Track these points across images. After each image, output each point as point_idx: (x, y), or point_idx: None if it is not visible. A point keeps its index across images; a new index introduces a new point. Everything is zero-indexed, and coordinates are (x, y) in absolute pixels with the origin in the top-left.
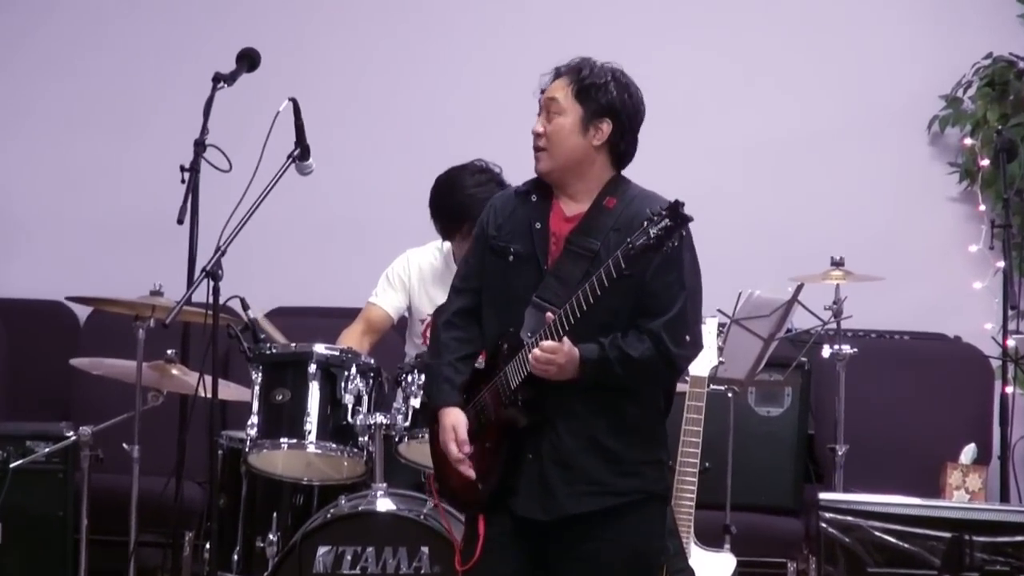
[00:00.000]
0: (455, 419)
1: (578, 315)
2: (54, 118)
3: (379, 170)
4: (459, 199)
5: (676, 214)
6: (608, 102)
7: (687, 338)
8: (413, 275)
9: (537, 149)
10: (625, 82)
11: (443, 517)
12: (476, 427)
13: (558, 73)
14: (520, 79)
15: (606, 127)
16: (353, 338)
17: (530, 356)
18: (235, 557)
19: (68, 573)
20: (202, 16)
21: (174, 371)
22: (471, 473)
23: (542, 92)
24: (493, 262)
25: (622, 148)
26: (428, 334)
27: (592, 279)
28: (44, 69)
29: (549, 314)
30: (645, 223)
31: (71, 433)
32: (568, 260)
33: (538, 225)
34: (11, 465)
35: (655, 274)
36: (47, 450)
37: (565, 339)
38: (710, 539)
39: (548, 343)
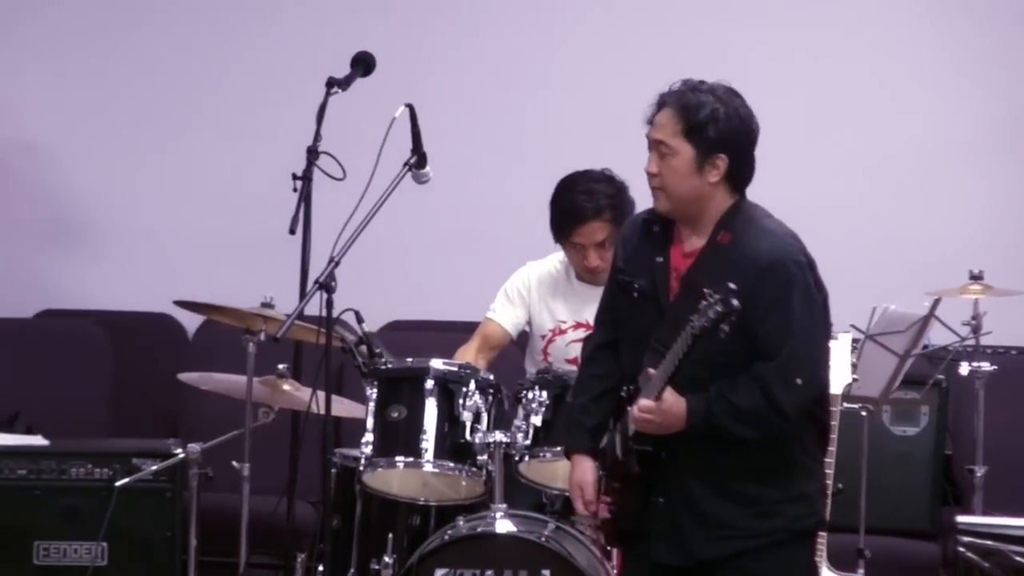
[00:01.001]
0: (580, 475)
1: (671, 373)
2: (162, 124)
3: (499, 180)
4: (566, 200)
5: (727, 302)
6: (719, 135)
7: (798, 381)
8: (533, 289)
9: (654, 188)
10: (734, 106)
11: (599, 538)
12: (610, 463)
13: (661, 103)
14: (648, 89)
15: (721, 163)
16: (469, 355)
17: (631, 412)
18: None
19: None
20: (315, 19)
21: (286, 387)
22: (605, 514)
23: (649, 124)
24: (621, 298)
25: (740, 175)
26: (549, 350)
27: (676, 342)
28: (153, 73)
29: (650, 370)
30: (703, 303)
31: (179, 450)
32: (684, 301)
33: (659, 259)
34: (117, 484)
35: (765, 316)
36: (154, 468)
37: (667, 394)
38: (843, 563)
39: (644, 403)
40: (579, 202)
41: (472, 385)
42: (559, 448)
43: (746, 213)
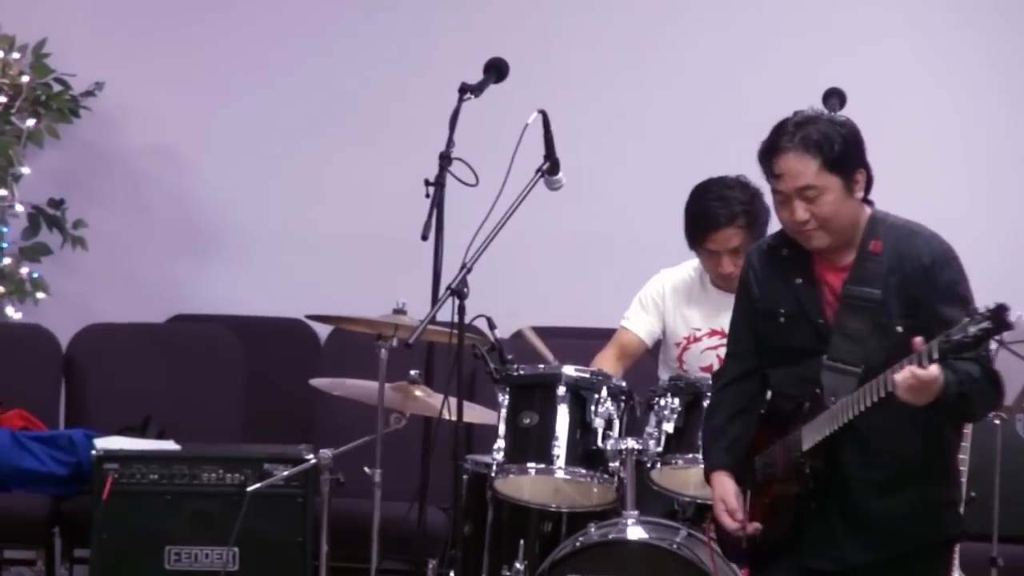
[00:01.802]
0: (723, 490)
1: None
2: (296, 131)
3: (631, 186)
4: (700, 207)
5: (999, 319)
6: (852, 154)
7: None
8: (667, 297)
9: (808, 231)
10: (838, 122)
11: (711, 558)
12: (762, 479)
13: (778, 150)
14: (782, 95)
15: (861, 178)
16: (607, 363)
17: (900, 377)
18: None
19: None
20: (448, 25)
21: (418, 392)
22: (751, 529)
23: (773, 174)
24: (764, 324)
25: (870, 182)
26: (684, 358)
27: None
28: (287, 81)
29: (919, 339)
30: (966, 319)
31: (311, 456)
32: (850, 315)
33: (799, 280)
34: (248, 489)
35: (945, 302)
36: (286, 473)
37: (933, 367)
38: (976, 571)
39: (915, 369)
40: (713, 209)
41: (604, 392)
42: (691, 455)
43: (885, 221)
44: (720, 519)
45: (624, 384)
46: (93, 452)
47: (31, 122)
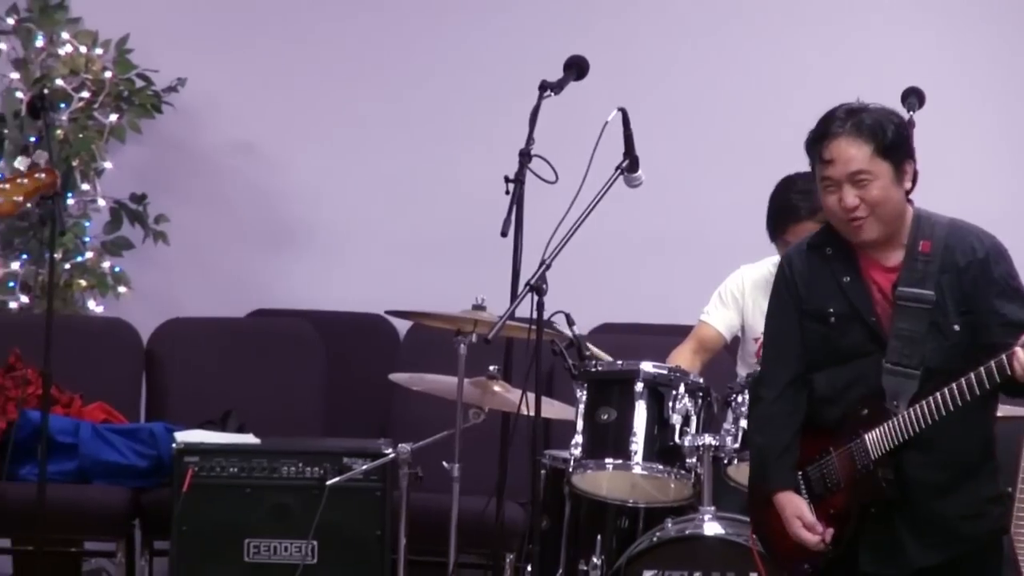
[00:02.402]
0: (798, 507)
1: (951, 410)
2: (376, 129)
3: (710, 182)
4: (783, 199)
5: None
6: (903, 143)
7: None
8: (747, 292)
9: (857, 219)
10: (893, 111)
11: (759, 564)
12: (820, 490)
13: (829, 135)
14: (860, 94)
15: (910, 168)
16: (684, 357)
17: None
18: None
19: None
20: (528, 23)
21: (496, 388)
22: (828, 537)
23: (823, 160)
24: (810, 326)
25: (915, 178)
26: (760, 360)
27: (972, 377)
28: (364, 79)
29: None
30: None
31: (390, 450)
32: (906, 317)
33: (847, 279)
34: (328, 483)
35: (1002, 294)
36: (365, 467)
37: None
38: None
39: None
40: (795, 201)
41: (682, 388)
42: None
43: (930, 219)
44: (800, 536)
45: (701, 380)
46: (173, 445)
47: (114, 117)
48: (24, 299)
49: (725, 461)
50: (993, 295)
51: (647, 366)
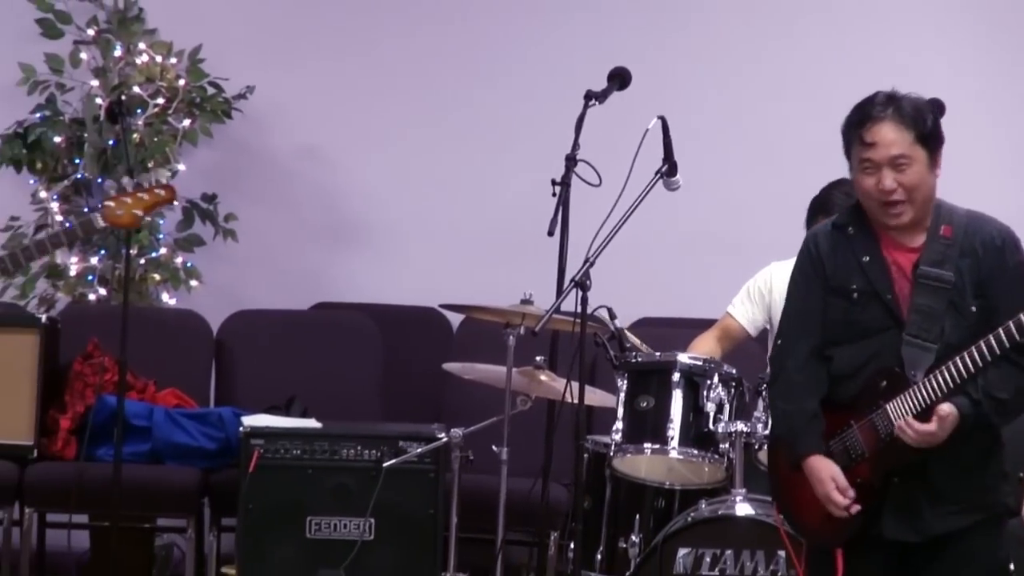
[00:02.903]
0: (832, 469)
1: (969, 375)
2: (433, 133)
3: (744, 185)
4: (827, 196)
5: None
6: (938, 132)
7: None
8: (775, 290)
9: (894, 203)
10: (928, 100)
11: (786, 542)
12: (845, 462)
13: (872, 119)
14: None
15: (940, 157)
16: (707, 341)
17: (908, 435)
18: (598, 557)
19: (437, 568)
20: (574, 36)
21: (542, 377)
22: (856, 509)
23: (864, 142)
24: (833, 302)
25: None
26: None
27: (982, 344)
28: (425, 86)
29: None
30: None
31: (443, 435)
32: (925, 294)
33: (866, 258)
34: (384, 464)
35: (1014, 284)
36: (419, 450)
37: (943, 407)
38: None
39: (924, 428)
40: (836, 199)
41: (716, 378)
42: None
43: (949, 207)
44: (832, 498)
45: (734, 371)
46: (241, 429)
47: (186, 122)
48: (102, 292)
49: (756, 446)
50: (1008, 282)
51: (683, 357)
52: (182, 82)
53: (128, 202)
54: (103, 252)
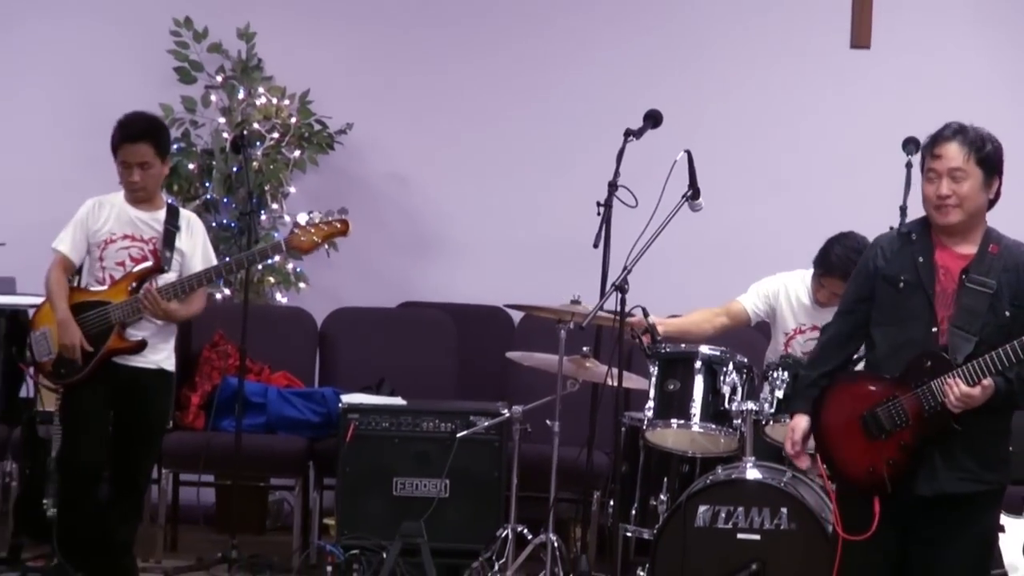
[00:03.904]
0: (796, 423)
1: (1009, 364)
2: (499, 162)
3: (758, 208)
4: (829, 250)
5: None
6: (997, 162)
7: None
8: (781, 295)
9: (946, 206)
10: (993, 136)
11: (831, 495)
12: (890, 426)
13: (942, 138)
14: (869, 144)
15: (996, 184)
16: (703, 315)
17: (954, 393)
18: (633, 512)
19: (500, 521)
20: (616, 80)
21: (588, 364)
22: (804, 464)
23: (933, 155)
24: (884, 289)
25: (997, 197)
26: (791, 344)
27: (1016, 343)
28: (491, 122)
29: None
30: None
31: (505, 411)
32: (971, 295)
33: (921, 259)
34: (458, 435)
35: None
36: (486, 424)
37: (986, 380)
38: (1010, 508)
39: (967, 390)
40: (834, 251)
41: (731, 366)
42: None
43: (997, 233)
44: (787, 445)
45: (746, 360)
46: (340, 405)
47: (297, 153)
48: (226, 292)
49: (763, 422)
50: None
51: (704, 348)
52: (293, 120)
53: (311, 231)
54: (227, 259)
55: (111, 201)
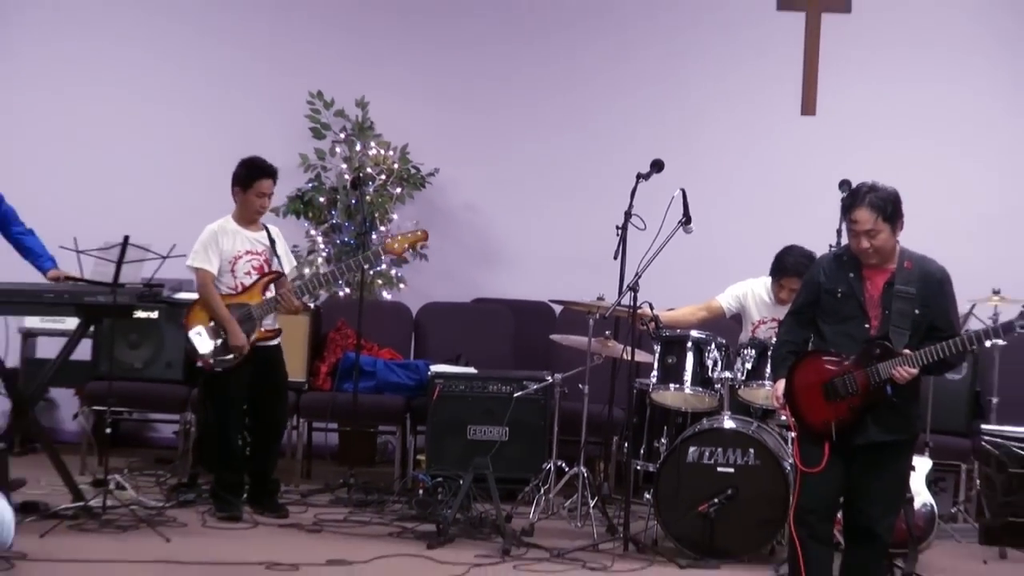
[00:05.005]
0: (779, 386)
1: (941, 356)
2: (541, 191)
3: (734, 228)
4: (783, 258)
5: (1008, 328)
6: (896, 213)
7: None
8: (748, 295)
9: (868, 252)
10: (892, 191)
11: (792, 426)
12: (844, 392)
13: (854, 207)
14: (817, 183)
15: (900, 223)
16: (690, 309)
17: (896, 373)
18: (642, 451)
19: (545, 457)
20: (631, 132)
21: (609, 344)
22: (784, 416)
23: (850, 219)
24: (826, 298)
25: (902, 227)
26: (757, 332)
27: (946, 343)
28: (545, 161)
29: (907, 351)
30: (991, 326)
31: (549, 377)
32: (900, 300)
33: (851, 275)
34: (515, 395)
35: (948, 307)
36: (535, 387)
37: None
38: (917, 450)
39: (912, 371)
40: (787, 259)
41: (713, 345)
42: (760, 382)
43: (909, 251)
44: (772, 399)
45: (724, 341)
46: (429, 373)
47: (398, 190)
48: (347, 290)
49: (737, 387)
50: (940, 302)
51: (694, 332)
52: (396, 165)
53: (398, 238)
54: (341, 264)
55: (224, 226)
